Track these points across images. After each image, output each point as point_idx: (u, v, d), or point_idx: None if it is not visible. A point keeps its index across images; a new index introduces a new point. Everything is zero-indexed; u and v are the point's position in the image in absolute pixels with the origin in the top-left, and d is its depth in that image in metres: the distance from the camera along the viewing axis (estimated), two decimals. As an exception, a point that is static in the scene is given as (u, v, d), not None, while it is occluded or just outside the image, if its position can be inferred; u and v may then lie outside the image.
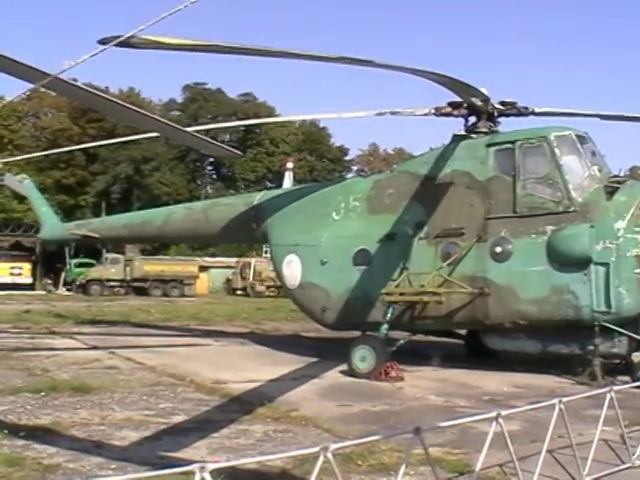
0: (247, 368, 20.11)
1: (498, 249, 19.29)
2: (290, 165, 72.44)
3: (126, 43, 10.22)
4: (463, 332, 23.32)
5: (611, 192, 18.99)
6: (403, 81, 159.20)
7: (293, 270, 23.20)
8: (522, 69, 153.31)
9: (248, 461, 8.59)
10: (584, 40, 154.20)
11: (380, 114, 21.89)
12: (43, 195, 36.62)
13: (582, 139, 19.86)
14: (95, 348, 24.17)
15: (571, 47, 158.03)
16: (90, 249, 70.92)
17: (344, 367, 19.66)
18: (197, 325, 35.17)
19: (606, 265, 18.12)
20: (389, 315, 20.10)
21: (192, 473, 5.18)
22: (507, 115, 21.30)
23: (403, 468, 7.14)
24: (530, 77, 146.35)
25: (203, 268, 75.55)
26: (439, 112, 20.99)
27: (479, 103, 20.47)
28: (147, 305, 48.20)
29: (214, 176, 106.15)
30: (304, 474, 9.21)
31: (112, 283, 68.44)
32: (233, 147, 36.43)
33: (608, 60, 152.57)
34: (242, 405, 14.54)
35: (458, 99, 20.46)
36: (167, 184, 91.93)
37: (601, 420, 9.55)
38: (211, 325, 35.29)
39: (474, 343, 22.34)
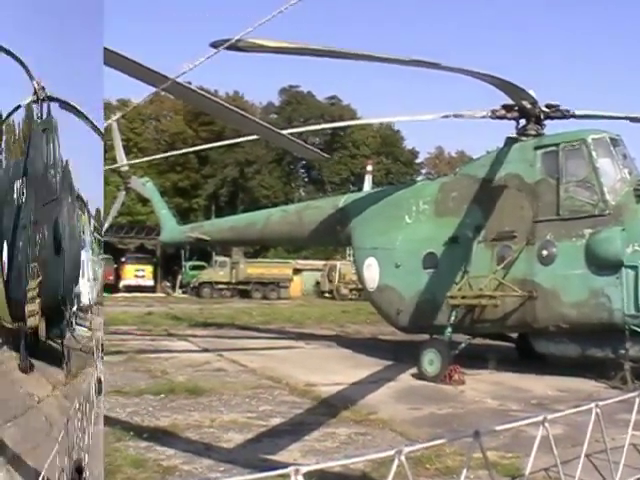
0: (334, 370, 20.03)
1: (544, 252, 18.34)
2: (369, 168, 67.59)
3: (234, 46, 10.04)
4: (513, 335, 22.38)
5: None
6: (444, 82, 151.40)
7: (372, 273, 22.44)
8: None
9: (335, 464, 8.66)
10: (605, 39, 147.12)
11: (446, 117, 20.79)
12: (162, 198, 35.71)
13: (615, 142, 18.82)
14: (206, 350, 24.50)
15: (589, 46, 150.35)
16: (202, 252, 69.32)
17: (415, 370, 19.23)
18: (291, 327, 35.07)
19: (635, 268, 17.05)
20: (453, 318, 19.37)
21: (288, 476, 5.14)
22: (552, 118, 20.05)
23: (464, 472, 6.88)
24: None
25: (297, 271, 73.09)
26: (495, 115, 19.93)
27: (528, 106, 19.43)
28: (249, 308, 47.93)
29: (306, 179, 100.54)
30: (380, 477, 9.24)
31: (220, 286, 66.58)
32: (321, 150, 34.95)
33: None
34: (329, 408, 14.54)
35: (510, 102, 19.55)
36: (267, 187, 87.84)
37: (631, 425, 9.16)
38: (303, 328, 35.17)
39: (525, 346, 21.36)
